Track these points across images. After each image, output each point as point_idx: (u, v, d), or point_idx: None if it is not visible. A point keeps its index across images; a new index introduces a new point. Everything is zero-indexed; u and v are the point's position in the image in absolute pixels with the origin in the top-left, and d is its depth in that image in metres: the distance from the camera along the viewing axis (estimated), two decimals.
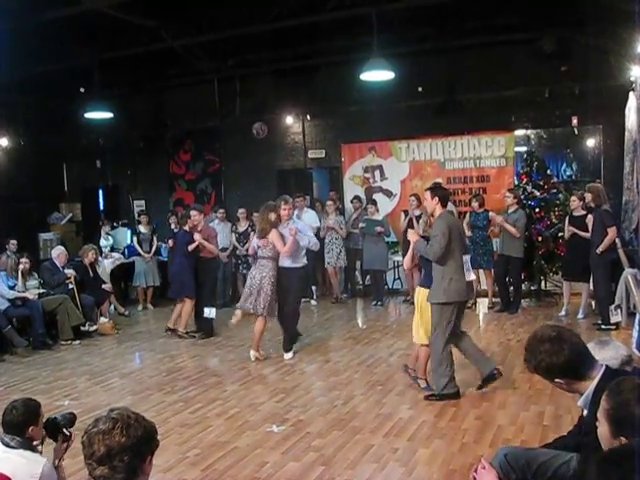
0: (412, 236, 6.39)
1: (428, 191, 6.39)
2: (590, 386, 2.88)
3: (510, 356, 7.55)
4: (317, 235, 11.68)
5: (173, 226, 12.09)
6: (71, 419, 3.50)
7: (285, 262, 8.03)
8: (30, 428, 3.35)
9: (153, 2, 9.00)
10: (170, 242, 10.63)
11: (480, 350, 6.54)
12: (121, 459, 2.12)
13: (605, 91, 10.55)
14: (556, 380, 2.94)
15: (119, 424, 2.16)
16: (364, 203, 12.26)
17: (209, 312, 9.30)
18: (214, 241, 9.64)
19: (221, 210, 12.26)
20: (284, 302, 8.12)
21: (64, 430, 3.43)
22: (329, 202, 12.04)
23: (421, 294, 6.35)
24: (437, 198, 6.21)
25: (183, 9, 9.93)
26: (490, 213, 10.46)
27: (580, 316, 9.46)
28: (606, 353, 3.32)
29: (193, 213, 9.53)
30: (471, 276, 6.30)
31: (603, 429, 2.39)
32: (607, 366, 2.94)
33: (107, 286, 10.87)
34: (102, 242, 12.67)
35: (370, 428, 5.54)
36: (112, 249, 12.95)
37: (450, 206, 10.14)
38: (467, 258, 6.27)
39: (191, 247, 9.30)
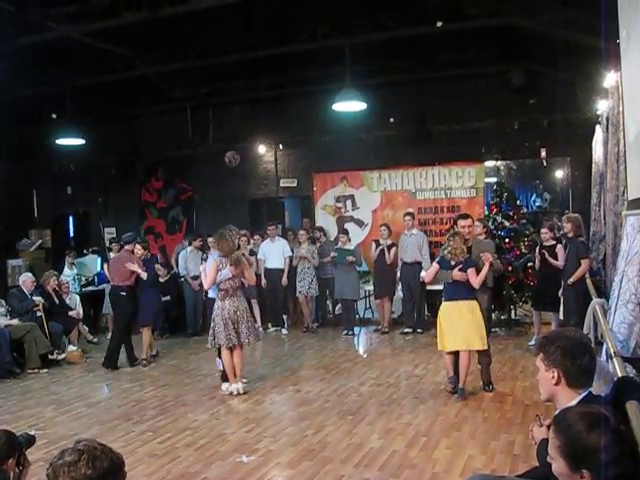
0: (489, 258, 7.22)
1: (470, 218, 7.65)
2: (570, 403, 2.80)
3: (481, 385, 7.55)
4: (290, 263, 11.70)
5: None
6: (29, 439, 3.29)
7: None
8: (10, 460, 3.04)
9: (127, 30, 9.01)
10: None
11: None
12: None
13: (573, 124, 10.81)
14: (553, 371, 2.88)
15: (85, 456, 2.12)
16: (328, 234, 12.30)
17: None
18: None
19: (199, 239, 12.06)
20: None
21: (24, 452, 3.16)
22: (301, 232, 11.98)
23: (467, 305, 7.11)
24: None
25: (157, 37, 9.95)
26: None
27: None
28: None
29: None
30: None
31: (559, 465, 2.34)
32: (590, 391, 2.88)
33: (74, 312, 10.73)
34: (66, 271, 12.28)
35: (341, 458, 5.50)
36: (78, 279, 12.59)
37: (417, 231, 10.73)
38: None
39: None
